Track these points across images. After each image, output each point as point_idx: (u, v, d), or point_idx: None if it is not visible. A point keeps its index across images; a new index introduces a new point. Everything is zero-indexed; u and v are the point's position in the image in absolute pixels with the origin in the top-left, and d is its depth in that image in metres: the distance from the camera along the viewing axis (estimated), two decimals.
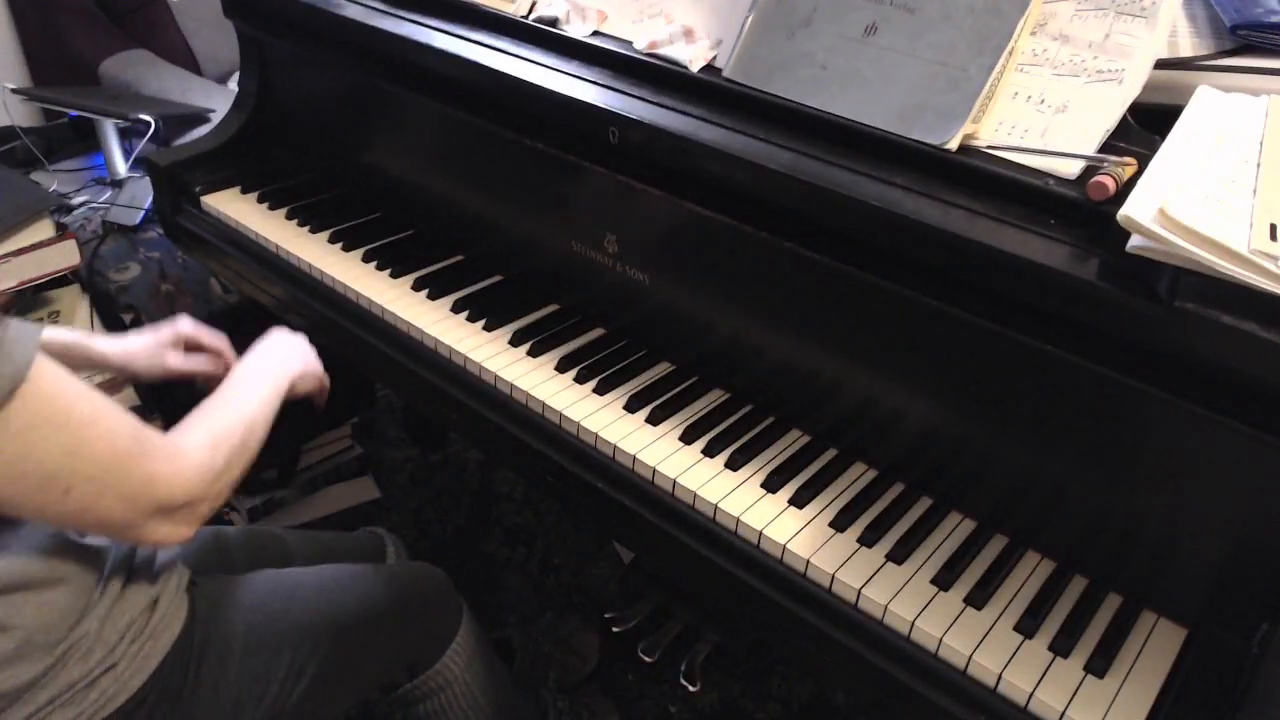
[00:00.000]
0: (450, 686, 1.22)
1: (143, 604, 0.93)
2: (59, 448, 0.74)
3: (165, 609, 0.95)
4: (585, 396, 1.15)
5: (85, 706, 0.87)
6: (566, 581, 1.92)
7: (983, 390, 0.96)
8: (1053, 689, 0.85)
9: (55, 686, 0.86)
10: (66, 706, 0.86)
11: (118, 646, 0.89)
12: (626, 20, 1.21)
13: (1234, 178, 0.80)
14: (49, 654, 0.85)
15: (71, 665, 0.86)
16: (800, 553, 0.96)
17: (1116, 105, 0.90)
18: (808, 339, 1.08)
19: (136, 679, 0.90)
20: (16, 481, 0.73)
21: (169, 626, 0.94)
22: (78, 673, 0.87)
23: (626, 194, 1.15)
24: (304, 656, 1.04)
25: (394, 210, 1.52)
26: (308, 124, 1.62)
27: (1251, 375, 0.77)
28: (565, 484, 1.13)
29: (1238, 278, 0.72)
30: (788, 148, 1.00)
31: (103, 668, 0.88)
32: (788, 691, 1.70)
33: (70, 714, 0.87)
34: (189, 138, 2.06)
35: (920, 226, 0.90)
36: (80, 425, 0.75)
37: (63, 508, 0.76)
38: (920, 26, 0.98)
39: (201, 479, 0.85)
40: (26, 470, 0.73)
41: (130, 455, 0.79)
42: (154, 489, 0.81)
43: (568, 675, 1.66)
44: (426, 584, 1.24)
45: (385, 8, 1.37)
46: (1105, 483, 0.91)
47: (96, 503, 0.78)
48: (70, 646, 0.86)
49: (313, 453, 2.05)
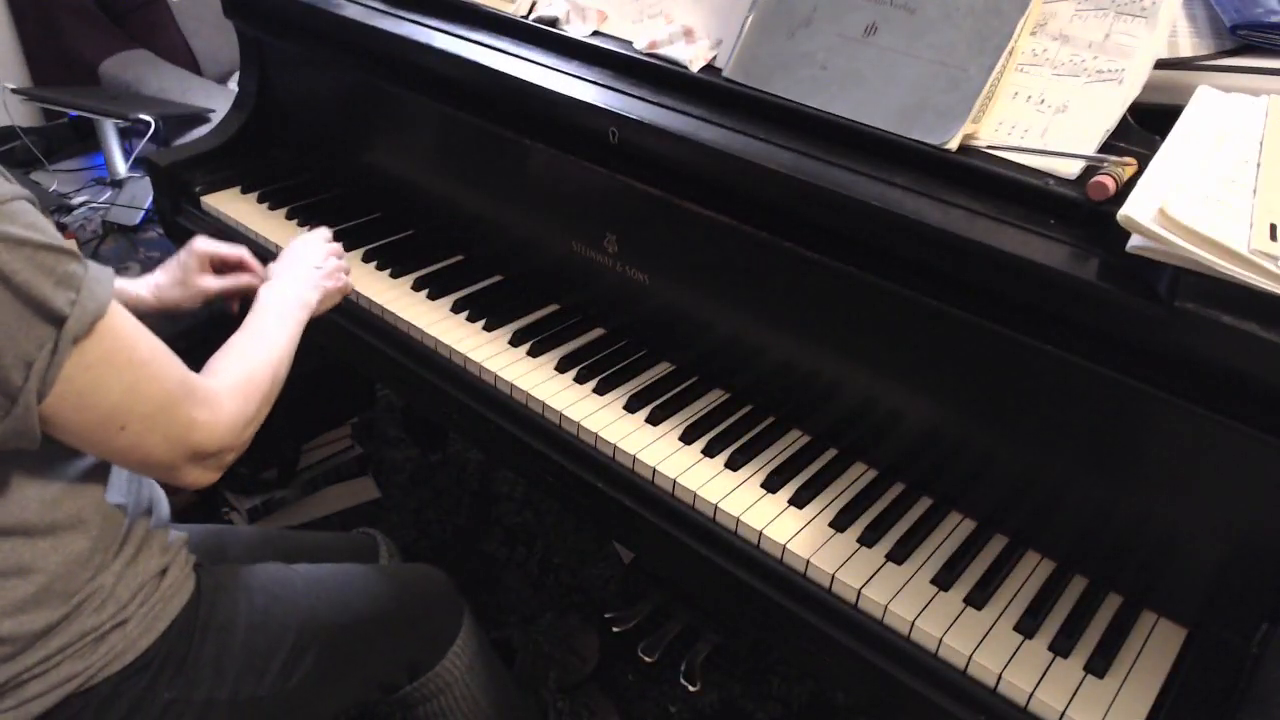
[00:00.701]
0: (451, 689, 1.22)
1: (154, 570, 0.95)
2: (121, 384, 0.79)
3: (174, 579, 0.96)
4: (585, 396, 1.15)
5: (94, 660, 0.89)
6: (566, 581, 1.92)
7: (982, 390, 0.96)
8: (1053, 689, 0.85)
9: (67, 635, 0.87)
10: (75, 659, 0.88)
11: (129, 604, 0.91)
12: (626, 20, 1.21)
13: (1234, 178, 0.80)
14: (65, 603, 0.87)
15: (85, 615, 0.88)
16: (800, 553, 0.96)
17: (1116, 105, 0.90)
18: (808, 339, 1.08)
19: (145, 639, 0.92)
20: (82, 412, 0.78)
21: (177, 594, 0.96)
22: (90, 624, 0.88)
23: (626, 194, 1.15)
24: (305, 643, 1.05)
25: (394, 210, 1.52)
26: (308, 124, 1.62)
27: (1251, 375, 0.77)
28: (565, 484, 1.13)
29: (1238, 278, 0.72)
30: (788, 148, 1.00)
31: (114, 622, 0.90)
32: (788, 691, 1.70)
33: (79, 666, 0.88)
34: (189, 138, 2.07)
35: (920, 226, 0.90)
36: (140, 364, 0.80)
37: (116, 443, 0.81)
38: (920, 26, 0.98)
39: (233, 429, 0.89)
40: (92, 403, 0.78)
41: (177, 399, 0.84)
42: (193, 434, 0.85)
43: (568, 675, 1.66)
44: (429, 586, 1.24)
45: (385, 8, 1.37)
46: (1105, 483, 0.91)
47: (144, 440, 0.82)
48: (86, 597, 0.88)
49: (313, 453, 2.05)
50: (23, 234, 0.71)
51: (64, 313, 0.73)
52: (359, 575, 1.17)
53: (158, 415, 0.82)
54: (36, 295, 0.71)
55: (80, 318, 0.74)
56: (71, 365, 0.75)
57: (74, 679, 0.88)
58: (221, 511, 1.94)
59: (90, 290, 0.75)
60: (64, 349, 0.74)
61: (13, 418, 0.74)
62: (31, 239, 0.71)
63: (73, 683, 0.88)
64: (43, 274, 0.72)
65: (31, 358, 0.72)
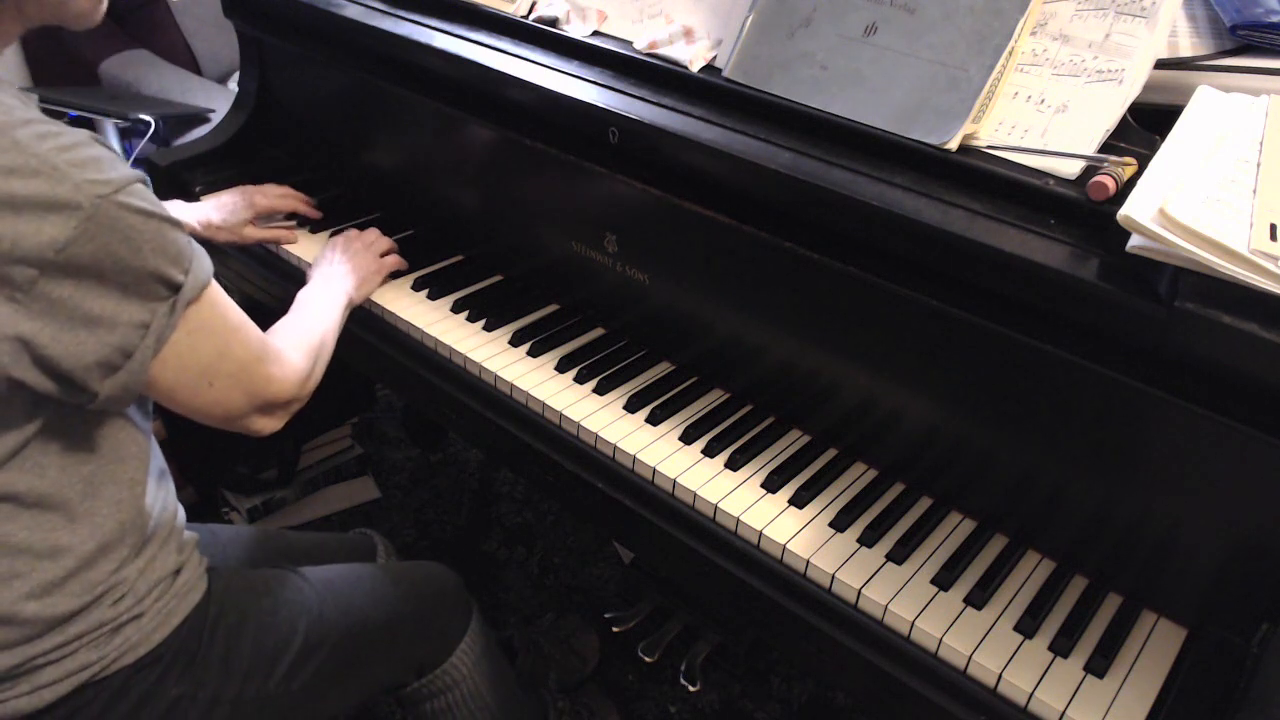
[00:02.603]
0: (458, 686, 1.22)
1: (170, 568, 0.97)
2: (215, 346, 0.88)
3: (188, 578, 0.98)
4: (585, 396, 1.15)
5: (108, 651, 0.90)
6: (566, 581, 1.92)
7: (982, 390, 0.96)
8: (1053, 689, 0.85)
9: (85, 623, 0.89)
10: (90, 648, 0.90)
11: (146, 598, 0.93)
12: (626, 20, 1.21)
13: (1234, 178, 0.80)
14: (89, 591, 0.89)
15: (104, 606, 0.90)
16: (800, 553, 0.96)
17: (1116, 105, 0.90)
18: (808, 339, 1.08)
19: (158, 634, 0.94)
20: (179, 372, 0.86)
21: (190, 593, 0.98)
22: (109, 615, 0.90)
23: (626, 194, 1.15)
24: (314, 644, 1.06)
25: (394, 210, 1.52)
26: (308, 124, 1.62)
27: (1251, 375, 0.77)
28: (565, 484, 1.13)
29: (1238, 278, 0.72)
30: (788, 148, 1.00)
31: (130, 615, 0.92)
32: (788, 691, 1.70)
33: (93, 656, 0.90)
34: (189, 138, 2.07)
35: (920, 226, 0.90)
36: (231, 329, 0.90)
37: (203, 397, 0.90)
38: (920, 26, 0.98)
39: (299, 383, 1.00)
40: (190, 363, 0.86)
41: (258, 359, 0.94)
42: (269, 387, 0.95)
43: (568, 675, 1.66)
44: (438, 585, 1.23)
45: (385, 8, 1.37)
46: (1105, 483, 0.91)
47: (228, 395, 0.91)
48: (109, 588, 0.90)
49: (313, 453, 2.05)
50: (151, 208, 0.79)
51: (179, 280, 0.82)
52: (368, 576, 1.17)
53: (240, 373, 0.91)
54: (160, 263, 0.79)
55: (193, 285, 0.83)
56: (180, 329, 0.83)
57: (88, 668, 0.89)
58: (222, 511, 1.94)
59: (200, 262, 0.84)
60: (178, 312, 0.82)
61: (126, 371, 0.81)
62: (158, 212, 0.79)
63: (86, 672, 0.89)
64: (166, 243, 0.80)
65: (148, 320, 0.80)
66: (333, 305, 1.18)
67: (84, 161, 0.75)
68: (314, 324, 1.11)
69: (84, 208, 0.74)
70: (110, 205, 0.75)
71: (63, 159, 0.74)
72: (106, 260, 0.76)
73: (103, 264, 0.76)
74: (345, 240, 1.32)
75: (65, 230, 0.73)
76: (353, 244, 1.32)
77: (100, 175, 0.75)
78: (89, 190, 0.74)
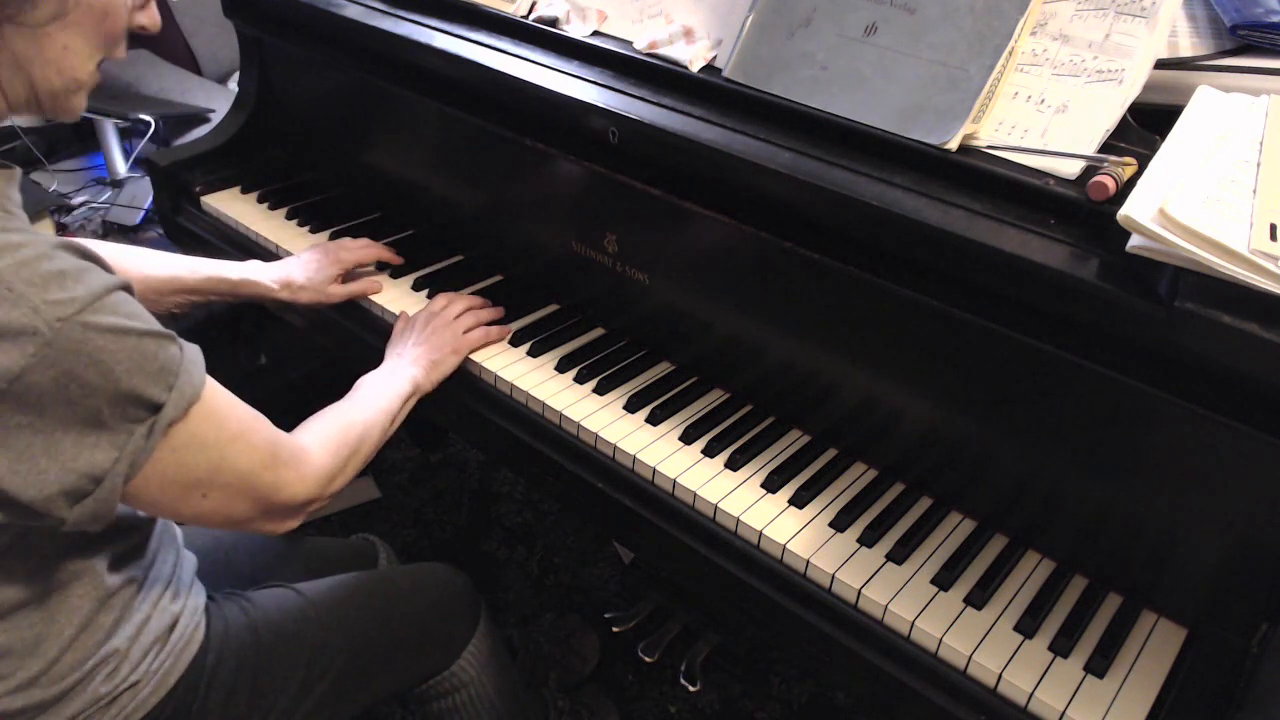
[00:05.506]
0: (466, 686, 1.21)
1: (165, 624, 0.93)
2: (208, 461, 0.80)
3: (184, 629, 0.95)
4: (585, 396, 1.15)
5: None
6: (566, 581, 1.92)
7: (982, 390, 0.96)
8: (1053, 689, 0.85)
9: (81, 701, 0.86)
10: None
11: (141, 663, 0.90)
12: (626, 20, 1.21)
13: (1234, 178, 0.80)
14: (78, 668, 0.85)
15: (98, 681, 0.87)
16: (800, 553, 0.96)
17: (1116, 105, 0.90)
18: (808, 339, 1.08)
19: (154, 697, 0.91)
20: (165, 489, 0.78)
21: (188, 646, 0.95)
22: (104, 690, 0.87)
23: (626, 194, 1.15)
24: (318, 674, 1.04)
25: (394, 210, 1.52)
26: (307, 124, 1.62)
27: (1251, 375, 0.77)
28: (565, 484, 1.13)
29: (1238, 278, 0.72)
30: (788, 148, 1.00)
31: (126, 685, 0.89)
32: (788, 691, 1.70)
33: None
34: (189, 138, 2.07)
35: (920, 226, 0.89)
36: (227, 440, 0.81)
37: (196, 509, 0.82)
38: (920, 26, 0.98)
39: (319, 484, 0.92)
40: (176, 479, 0.79)
41: (264, 465, 0.85)
42: (279, 493, 0.88)
43: (568, 675, 1.66)
44: (446, 589, 1.21)
45: (385, 8, 1.37)
46: (1105, 483, 0.91)
47: (227, 505, 0.84)
48: (99, 662, 0.87)
49: None
50: (126, 323, 0.71)
51: (160, 400, 0.74)
52: (372, 589, 1.14)
53: (240, 483, 0.84)
54: (137, 383, 0.72)
55: (176, 403, 0.75)
56: (161, 448, 0.75)
57: None
58: None
59: (187, 374, 0.76)
60: (157, 434, 0.75)
61: (94, 500, 0.73)
62: (135, 327, 0.72)
63: None
64: (145, 360, 0.72)
65: (121, 444, 0.73)
66: (390, 396, 1.08)
67: (45, 279, 0.67)
68: (358, 417, 1.02)
69: (41, 333, 0.66)
70: (73, 328, 0.67)
71: (19, 277, 0.66)
72: (72, 386, 0.68)
73: (67, 390, 0.68)
74: (427, 316, 1.22)
75: (20, 359, 0.66)
76: (434, 320, 1.21)
77: (63, 294, 0.67)
78: (48, 313, 0.66)
